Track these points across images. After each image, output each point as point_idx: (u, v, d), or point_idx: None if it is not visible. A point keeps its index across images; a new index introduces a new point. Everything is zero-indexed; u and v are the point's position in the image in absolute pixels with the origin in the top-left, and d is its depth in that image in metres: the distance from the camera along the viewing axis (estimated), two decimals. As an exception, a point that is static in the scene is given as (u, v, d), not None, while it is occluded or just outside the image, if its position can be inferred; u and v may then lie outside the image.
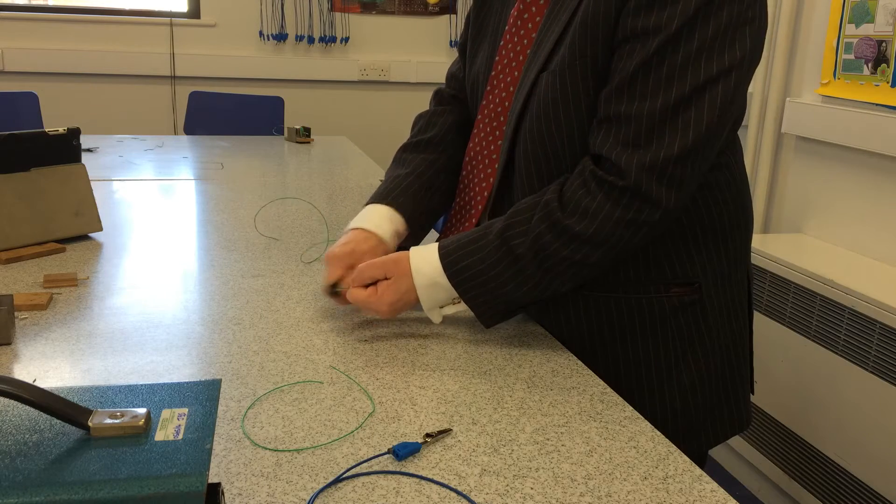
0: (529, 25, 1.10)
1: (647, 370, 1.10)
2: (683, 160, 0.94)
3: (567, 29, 1.01)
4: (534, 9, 1.10)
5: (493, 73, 1.15)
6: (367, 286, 1.08)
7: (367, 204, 1.23)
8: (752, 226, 1.14)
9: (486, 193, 1.17)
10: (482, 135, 1.17)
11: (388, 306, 1.06)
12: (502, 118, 1.14)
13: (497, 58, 1.15)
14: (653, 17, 0.93)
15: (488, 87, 1.16)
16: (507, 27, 1.14)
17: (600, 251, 0.98)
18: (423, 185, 1.23)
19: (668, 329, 1.09)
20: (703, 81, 0.93)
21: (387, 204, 1.20)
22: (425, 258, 1.05)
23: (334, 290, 1.14)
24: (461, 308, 1.08)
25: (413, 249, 1.07)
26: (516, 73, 1.11)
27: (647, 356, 1.10)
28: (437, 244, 1.06)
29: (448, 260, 1.03)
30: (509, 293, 1.02)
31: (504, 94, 1.13)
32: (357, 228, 1.18)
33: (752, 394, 1.21)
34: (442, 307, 1.09)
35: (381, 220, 1.19)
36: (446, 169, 1.27)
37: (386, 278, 1.07)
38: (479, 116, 1.18)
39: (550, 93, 1.02)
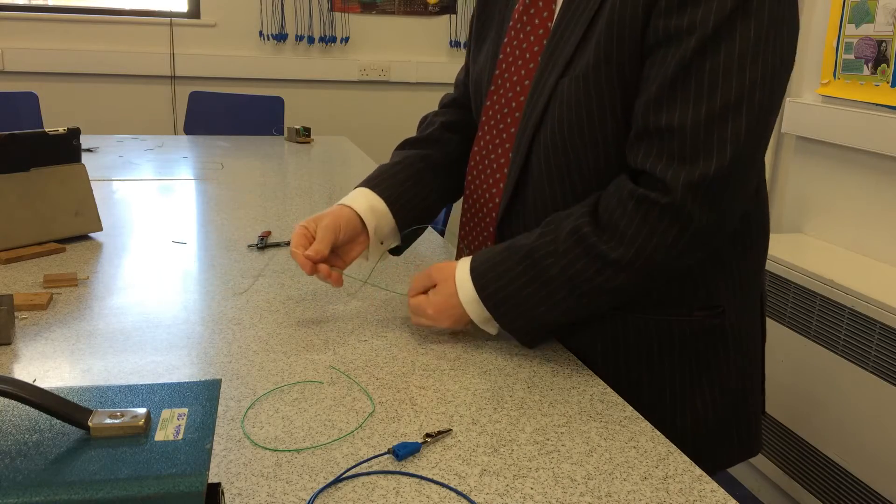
0: (536, 21, 1.05)
1: (662, 393, 1.07)
2: (729, 176, 0.88)
3: (589, 31, 0.96)
4: (540, 3, 1.04)
5: (496, 71, 1.10)
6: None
7: None
8: (768, 249, 1.11)
9: (497, 200, 1.12)
10: (487, 138, 1.13)
11: (433, 308, 1.05)
12: (509, 120, 1.09)
13: (501, 56, 1.10)
14: (686, 17, 0.87)
15: (492, 87, 1.11)
16: (510, 23, 1.09)
17: (638, 278, 0.94)
18: (409, 176, 1.23)
19: (687, 352, 1.05)
20: (750, 85, 0.86)
21: (365, 186, 1.22)
22: (467, 276, 1.03)
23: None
24: None
25: (460, 261, 1.05)
26: (523, 72, 1.06)
27: (661, 379, 1.06)
28: (469, 260, 1.04)
29: (481, 283, 1.01)
30: (542, 316, 0.99)
31: (511, 95, 1.08)
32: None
33: (764, 415, 1.18)
34: None
35: (355, 196, 1.19)
36: (436, 164, 1.26)
37: (434, 285, 1.06)
38: (484, 118, 1.14)
39: (575, 99, 0.97)
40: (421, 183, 1.24)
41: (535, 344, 1.06)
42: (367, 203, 1.18)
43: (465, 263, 1.05)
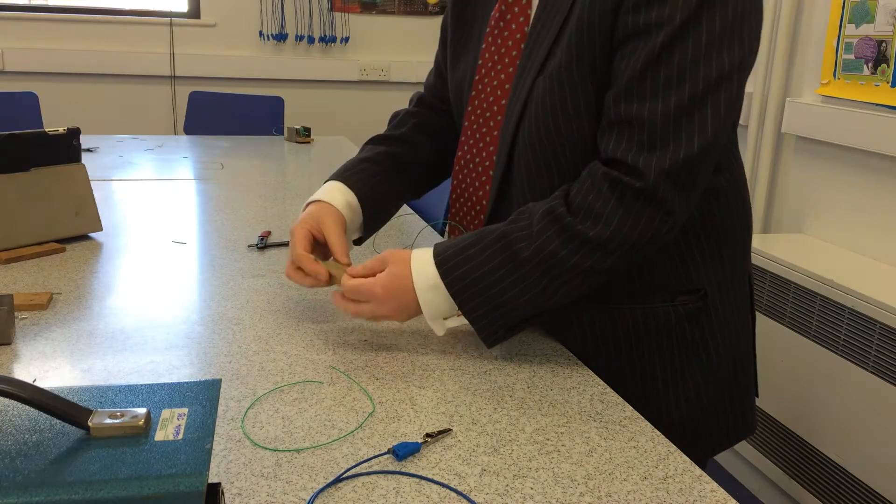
0: (513, 26, 1.07)
1: (653, 380, 1.08)
2: (699, 162, 0.92)
3: (561, 31, 0.98)
4: (516, 9, 1.07)
5: (476, 77, 1.12)
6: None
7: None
8: (751, 228, 1.13)
9: (484, 202, 1.13)
10: (471, 142, 1.14)
11: (381, 288, 1.00)
12: (491, 123, 1.10)
13: (481, 61, 1.11)
14: (654, 13, 0.90)
15: (473, 93, 1.13)
16: (488, 30, 1.10)
17: (612, 258, 0.94)
18: (379, 172, 1.24)
19: (673, 338, 1.07)
20: (716, 78, 0.90)
21: (336, 180, 1.21)
22: (426, 260, 1.00)
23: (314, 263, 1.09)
24: (465, 321, 1.02)
25: (414, 250, 1.03)
26: (502, 76, 1.08)
27: (652, 366, 1.07)
28: (433, 247, 1.02)
29: (445, 267, 0.99)
30: (510, 302, 0.97)
31: (491, 99, 1.10)
32: (310, 203, 1.19)
33: (757, 397, 1.19)
34: (446, 318, 1.03)
35: (331, 191, 1.18)
36: (404, 163, 1.27)
37: (382, 270, 1.02)
38: (466, 123, 1.15)
39: (549, 97, 0.99)
40: (389, 181, 1.25)
41: (494, 341, 1.01)
42: (343, 199, 1.18)
43: (423, 250, 1.02)
